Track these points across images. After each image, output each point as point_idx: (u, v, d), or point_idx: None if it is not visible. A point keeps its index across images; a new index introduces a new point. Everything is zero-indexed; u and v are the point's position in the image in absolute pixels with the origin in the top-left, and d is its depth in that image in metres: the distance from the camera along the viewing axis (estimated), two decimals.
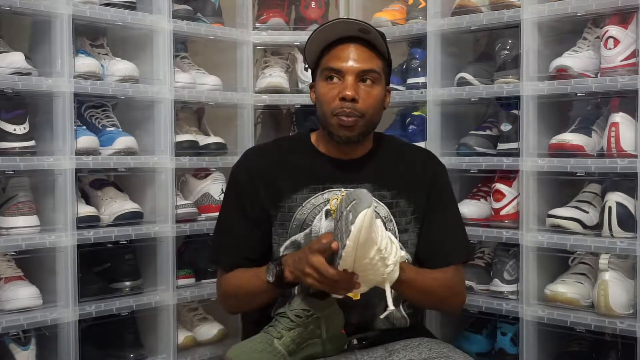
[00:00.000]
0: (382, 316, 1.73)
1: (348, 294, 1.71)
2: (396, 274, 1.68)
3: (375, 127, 1.98)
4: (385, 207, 1.93)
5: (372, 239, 1.60)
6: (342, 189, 1.92)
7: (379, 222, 1.65)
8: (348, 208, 1.61)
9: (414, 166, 2.01)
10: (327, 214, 1.90)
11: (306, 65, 2.11)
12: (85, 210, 2.28)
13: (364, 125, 1.90)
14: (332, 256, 1.66)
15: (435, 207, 1.98)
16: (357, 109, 1.87)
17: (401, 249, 1.89)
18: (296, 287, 1.89)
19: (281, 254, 1.91)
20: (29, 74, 2.16)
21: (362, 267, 1.63)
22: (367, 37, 1.89)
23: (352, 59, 1.88)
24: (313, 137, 2.02)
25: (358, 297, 1.72)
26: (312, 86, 1.99)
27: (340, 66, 1.88)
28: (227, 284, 1.98)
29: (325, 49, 1.92)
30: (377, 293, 1.89)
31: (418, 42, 2.61)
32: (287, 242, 1.91)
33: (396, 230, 1.93)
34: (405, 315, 1.97)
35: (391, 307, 1.68)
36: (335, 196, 1.91)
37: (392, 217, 1.93)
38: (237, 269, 1.95)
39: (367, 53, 1.90)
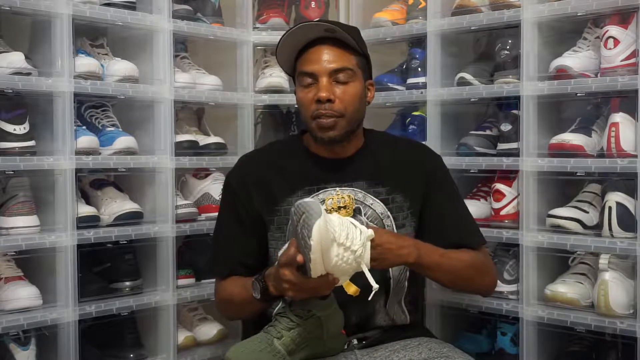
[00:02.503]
0: (369, 298, 1.72)
1: (349, 292, 1.71)
2: (367, 254, 1.68)
3: (361, 123, 1.98)
4: (381, 204, 1.94)
5: (332, 241, 1.61)
6: (337, 188, 1.93)
7: (333, 216, 1.66)
8: (301, 223, 1.62)
9: (409, 160, 2.01)
10: None
11: None
12: (85, 210, 2.28)
13: (345, 124, 1.90)
14: (302, 266, 1.67)
15: (441, 199, 1.98)
16: (334, 109, 1.88)
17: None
18: None
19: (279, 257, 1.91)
20: (29, 74, 2.16)
21: (332, 268, 1.65)
22: (335, 36, 1.89)
23: (323, 60, 1.88)
24: (305, 139, 2.03)
25: (357, 293, 1.72)
26: (295, 92, 1.99)
27: (312, 69, 1.89)
28: (221, 293, 2.00)
29: (298, 55, 1.93)
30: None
31: (418, 42, 2.61)
32: (285, 246, 1.91)
33: (394, 225, 1.93)
34: (406, 311, 1.97)
35: (375, 285, 1.69)
36: (330, 196, 1.92)
37: (388, 213, 1.94)
38: (231, 277, 1.96)
39: (337, 51, 1.89)
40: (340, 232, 1.63)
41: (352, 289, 1.85)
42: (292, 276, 1.68)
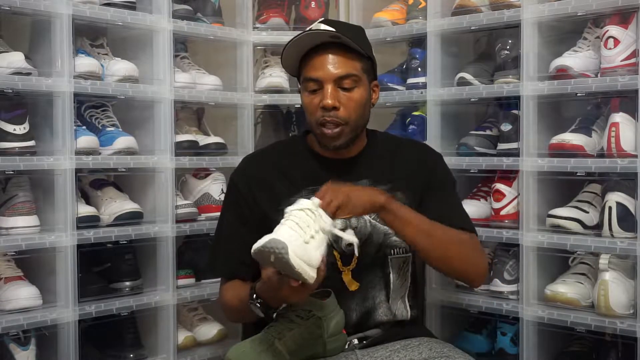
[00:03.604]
0: (356, 253, 1.70)
1: (350, 289, 1.71)
2: (326, 219, 1.65)
3: (365, 126, 1.99)
4: None
5: (304, 248, 1.60)
6: None
7: (283, 228, 1.62)
8: (276, 264, 1.59)
9: (410, 159, 2.02)
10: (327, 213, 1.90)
11: None
12: (85, 210, 2.28)
13: (350, 131, 1.91)
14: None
15: (433, 192, 1.98)
16: (339, 117, 1.88)
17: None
18: None
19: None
20: (29, 74, 2.16)
21: (321, 258, 1.63)
22: (340, 42, 1.89)
23: (327, 66, 1.88)
24: (309, 139, 2.04)
25: (357, 288, 1.71)
26: (300, 94, 1.99)
27: (318, 75, 1.88)
28: (223, 298, 2.00)
29: (303, 59, 1.92)
30: (376, 282, 1.92)
31: (418, 42, 2.61)
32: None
33: None
34: (408, 307, 1.97)
35: (355, 240, 1.68)
36: None
37: None
38: (232, 283, 1.96)
39: (342, 58, 1.89)
40: (299, 232, 1.61)
41: (353, 286, 1.85)
42: (290, 291, 1.64)
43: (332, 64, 1.88)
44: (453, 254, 1.91)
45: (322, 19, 2.02)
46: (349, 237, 1.68)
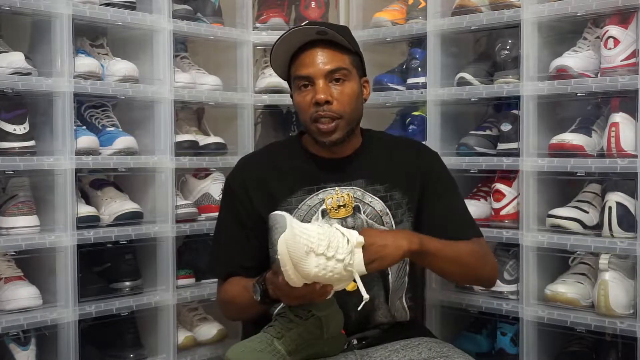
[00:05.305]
0: (359, 308, 1.70)
1: (347, 289, 1.71)
2: (358, 261, 1.65)
3: (359, 121, 1.99)
4: (380, 201, 1.95)
5: (307, 253, 1.59)
6: (337, 188, 1.94)
7: (311, 226, 1.63)
8: (270, 237, 1.60)
9: (406, 158, 2.02)
10: (324, 213, 1.91)
11: None
12: (85, 210, 2.28)
13: (345, 125, 1.91)
14: None
15: (436, 194, 1.98)
16: (333, 111, 1.89)
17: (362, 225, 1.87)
18: None
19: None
20: (29, 74, 2.16)
21: (315, 277, 1.62)
22: (327, 38, 1.90)
23: (317, 62, 1.89)
24: (304, 139, 2.04)
25: (355, 288, 1.71)
26: (292, 95, 2.00)
27: (308, 72, 1.89)
28: (223, 294, 2.00)
29: (292, 59, 1.93)
30: (375, 283, 1.92)
31: (418, 42, 2.61)
32: None
33: (392, 222, 1.94)
34: (407, 307, 1.97)
35: (365, 296, 1.67)
36: (330, 195, 1.93)
37: (387, 210, 1.95)
38: (232, 279, 1.96)
39: (331, 52, 1.90)
40: (319, 242, 1.60)
41: (349, 285, 1.84)
42: (280, 284, 1.66)
43: (321, 60, 1.89)
44: (468, 269, 1.94)
45: (307, 21, 2.03)
46: (363, 291, 1.66)
